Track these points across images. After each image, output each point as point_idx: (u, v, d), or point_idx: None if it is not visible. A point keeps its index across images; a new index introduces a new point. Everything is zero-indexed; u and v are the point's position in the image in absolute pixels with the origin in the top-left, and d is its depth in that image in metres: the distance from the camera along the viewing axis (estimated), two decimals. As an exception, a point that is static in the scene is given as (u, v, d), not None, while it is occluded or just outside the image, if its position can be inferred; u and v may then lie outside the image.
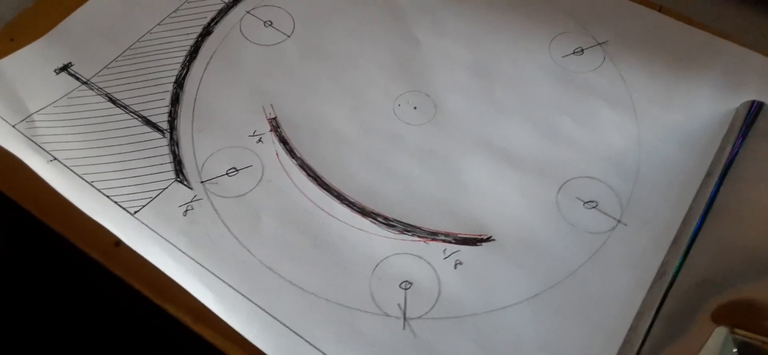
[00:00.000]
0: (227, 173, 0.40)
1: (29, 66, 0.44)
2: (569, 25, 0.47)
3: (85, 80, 0.44)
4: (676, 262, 0.34)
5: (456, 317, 0.34)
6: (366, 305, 0.35)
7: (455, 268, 0.36)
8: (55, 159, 0.39)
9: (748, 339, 0.31)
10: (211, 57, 0.45)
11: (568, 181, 0.39)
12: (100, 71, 0.44)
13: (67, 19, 0.47)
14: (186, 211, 0.38)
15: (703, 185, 0.38)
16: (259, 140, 0.41)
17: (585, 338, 0.34)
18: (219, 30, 0.47)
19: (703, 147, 0.40)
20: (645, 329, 0.32)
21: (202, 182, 0.39)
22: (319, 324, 0.34)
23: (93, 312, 0.41)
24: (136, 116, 0.42)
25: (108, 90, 0.43)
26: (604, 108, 0.43)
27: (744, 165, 0.38)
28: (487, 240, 0.37)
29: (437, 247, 0.37)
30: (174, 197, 0.38)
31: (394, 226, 0.38)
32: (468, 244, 0.37)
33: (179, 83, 0.44)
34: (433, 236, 0.37)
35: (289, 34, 0.47)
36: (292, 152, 0.41)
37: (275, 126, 0.42)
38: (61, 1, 0.48)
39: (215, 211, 0.38)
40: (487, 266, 0.36)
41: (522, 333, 0.34)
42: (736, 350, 0.31)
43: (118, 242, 0.36)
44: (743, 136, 0.39)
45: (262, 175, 0.40)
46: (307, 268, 0.36)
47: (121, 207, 0.38)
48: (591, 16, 0.48)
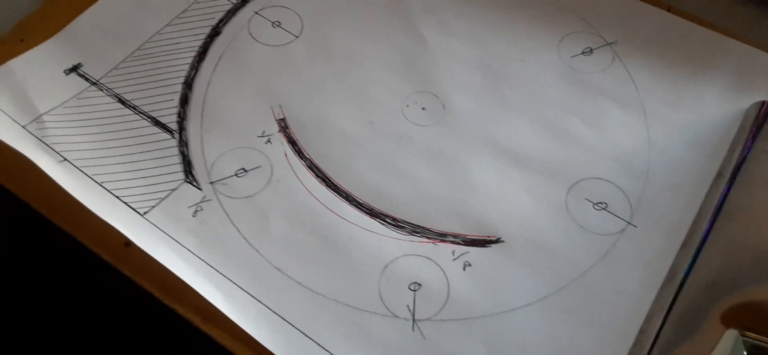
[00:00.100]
0: (236, 174, 0.40)
1: (39, 67, 0.44)
2: (578, 25, 0.47)
3: (94, 81, 0.44)
4: (687, 263, 0.34)
5: (465, 318, 0.34)
6: (375, 306, 0.35)
7: (464, 269, 0.36)
8: (65, 160, 0.39)
9: (759, 342, 0.31)
10: (220, 58, 0.45)
11: (577, 182, 0.39)
12: (109, 72, 0.44)
13: (76, 20, 0.47)
14: (195, 212, 0.38)
15: (713, 186, 0.38)
16: (268, 141, 0.41)
17: (595, 341, 0.34)
18: (227, 31, 0.47)
19: (713, 147, 0.40)
20: (655, 331, 0.32)
21: (212, 183, 0.39)
22: (327, 325, 0.34)
23: (102, 312, 0.41)
24: (145, 117, 0.42)
25: (117, 91, 0.43)
26: (613, 108, 0.43)
27: (754, 166, 0.37)
28: (496, 242, 0.37)
29: (446, 248, 0.37)
30: (183, 197, 0.38)
31: (402, 227, 0.38)
32: (477, 245, 0.37)
33: (188, 84, 0.44)
34: (441, 237, 0.37)
35: (297, 35, 0.47)
36: (300, 153, 0.41)
37: (284, 127, 0.42)
38: (70, 2, 0.48)
39: (224, 212, 0.38)
40: (496, 268, 0.36)
41: (531, 335, 0.34)
42: (746, 353, 0.31)
43: (128, 243, 0.36)
44: (754, 136, 0.39)
45: (271, 176, 0.40)
46: (316, 269, 0.36)
47: (131, 208, 0.38)
48: (600, 16, 0.47)
